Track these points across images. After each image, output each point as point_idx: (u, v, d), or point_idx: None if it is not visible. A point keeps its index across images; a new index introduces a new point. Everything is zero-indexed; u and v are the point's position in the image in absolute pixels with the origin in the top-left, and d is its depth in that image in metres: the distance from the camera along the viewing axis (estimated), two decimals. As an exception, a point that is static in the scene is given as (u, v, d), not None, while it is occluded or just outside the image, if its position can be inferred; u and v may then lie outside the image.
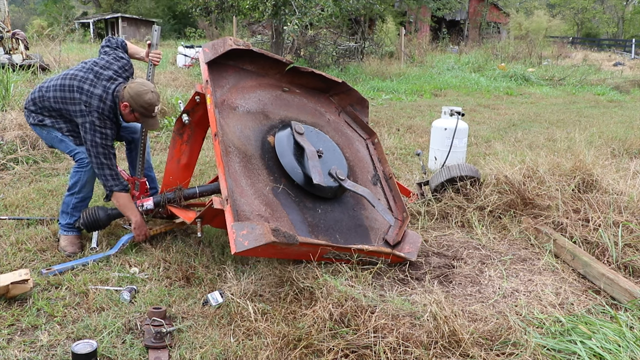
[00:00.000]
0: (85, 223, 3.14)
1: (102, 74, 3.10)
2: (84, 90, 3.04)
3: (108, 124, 3.07)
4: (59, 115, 3.15)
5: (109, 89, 3.07)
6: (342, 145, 3.39)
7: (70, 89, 3.07)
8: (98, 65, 3.15)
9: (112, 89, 3.07)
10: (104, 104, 3.04)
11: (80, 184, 3.17)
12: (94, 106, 3.02)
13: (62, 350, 2.21)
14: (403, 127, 7.57)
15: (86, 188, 3.22)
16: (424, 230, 3.53)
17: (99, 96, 3.03)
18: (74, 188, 3.19)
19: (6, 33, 10.30)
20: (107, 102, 3.05)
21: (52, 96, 3.11)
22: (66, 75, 3.13)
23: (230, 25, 20.56)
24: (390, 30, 21.33)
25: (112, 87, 3.08)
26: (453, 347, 2.11)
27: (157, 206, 3.23)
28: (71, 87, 3.07)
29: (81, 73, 3.10)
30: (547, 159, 4.08)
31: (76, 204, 3.22)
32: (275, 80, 3.38)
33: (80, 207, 3.24)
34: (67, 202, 3.22)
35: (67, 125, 3.17)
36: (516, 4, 36.65)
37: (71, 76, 3.10)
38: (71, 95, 3.06)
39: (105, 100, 3.04)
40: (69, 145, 3.19)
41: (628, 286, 2.58)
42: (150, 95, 3.03)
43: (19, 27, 21.12)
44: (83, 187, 3.19)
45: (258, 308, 2.41)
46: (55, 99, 3.11)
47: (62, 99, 3.09)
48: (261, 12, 12.03)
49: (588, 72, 17.51)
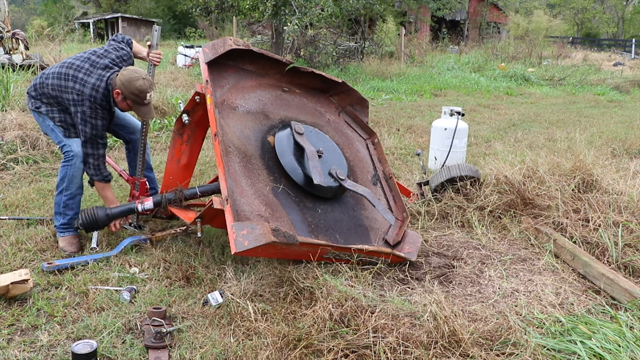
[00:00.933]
0: (84, 223, 3.09)
1: (98, 63, 3.11)
2: (78, 78, 3.05)
3: (99, 113, 3.06)
4: (55, 102, 3.15)
5: (104, 76, 3.07)
6: (342, 145, 3.39)
7: (66, 77, 3.08)
8: (95, 55, 3.17)
9: (106, 77, 3.07)
10: (97, 92, 3.03)
11: (67, 180, 3.17)
12: (86, 95, 3.02)
13: (62, 350, 2.21)
14: (403, 127, 7.57)
15: (73, 184, 3.19)
16: (424, 230, 3.53)
17: (92, 84, 3.03)
18: (62, 185, 3.18)
19: (6, 33, 10.29)
20: (100, 90, 3.04)
21: (50, 83, 3.13)
22: (64, 63, 3.15)
23: (230, 25, 20.57)
24: (390, 30, 21.31)
25: (107, 75, 3.07)
26: (453, 347, 2.11)
27: (157, 206, 3.21)
28: (67, 75, 3.08)
29: (78, 62, 3.12)
30: (547, 159, 4.08)
31: (66, 202, 3.20)
32: (275, 80, 3.38)
33: (72, 205, 3.22)
34: (57, 202, 3.22)
35: (60, 115, 3.17)
36: (516, 4, 36.66)
37: (68, 64, 3.11)
38: (66, 83, 3.07)
39: (98, 88, 3.04)
40: (58, 136, 3.19)
41: (628, 286, 2.58)
42: (142, 82, 3.01)
43: (19, 27, 21.11)
44: (70, 183, 3.18)
45: (258, 308, 2.41)
46: (52, 87, 3.12)
47: (59, 87, 3.10)
48: (261, 12, 12.03)
49: (588, 72, 17.51)
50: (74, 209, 3.23)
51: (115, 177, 4.25)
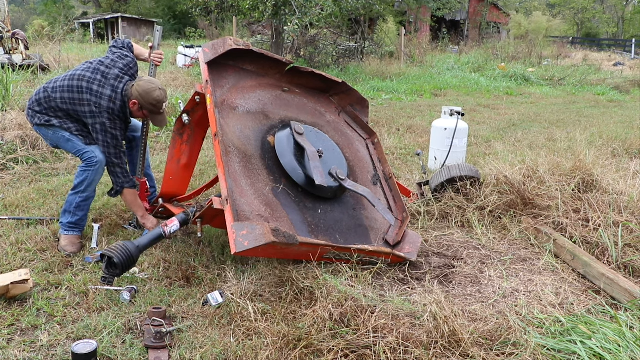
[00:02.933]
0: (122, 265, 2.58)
1: (109, 74, 3.13)
2: (93, 91, 3.06)
3: (118, 124, 3.12)
4: (66, 115, 3.16)
5: (118, 88, 3.10)
6: (342, 145, 3.39)
7: (79, 90, 3.08)
8: (104, 65, 3.17)
9: (120, 89, 3.11)
10: (114, 104, 3.08)
11: (86, 183, 3.18)
12: (104, 107, 3.05)
13: (62, 350, 2.21)
14: (403, 127, 7.57)
15: (91, 187, 3.23)
16: (424, 230, 3.53)
17: (109, 97, 3.06)
18: (80, 187, 3.19)
19: (6, 33, 10.29)
20: (117, 102, 3.09)
21: (59, 97, 3.12)
22: (73, 76, 3.13)
23: (230, 25, 20.56)
24: (390, 30, 21.31)
25: (121, 87, 3.11)
26: (453, 347, 2.11)
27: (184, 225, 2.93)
28: (80, 88, 3.08)
29: (88, 74, 3.11)
30: (547, 159, 4.08)
31: (79, 203, 3.22)
32: (275, 80, 3.38)
33: (83, 207, 3.25)
34: (70, 201, 3.23)
35: (75, 125, 3.18)
36: (516, 4, 36.65)
37: (79, 77, 3.10)
38: (80, 96, 3.08)
39: (115, 100, 3.08)
40: (77, 144, 3.18)
41: (628, 286, 2.58)
42: (159, 93, 3.11)
43: (19, 27, 21.10)
44: (88, 187, 3.20)
45: (258, 308, 2.41)
46: (62, 100, 3.11)
47: (71, 100, 3.10)
48: (261, 12, 12.03)
49: (588, 72, 17.51)
50: (84, 210, 3.27)
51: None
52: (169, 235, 2.85)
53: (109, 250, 2.56)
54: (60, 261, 3.03)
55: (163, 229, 2.82)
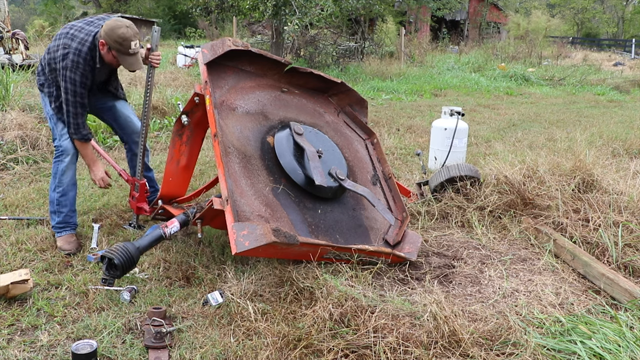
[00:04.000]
0: (122, 267, 2.57)
1: (93, 22, 3.13)
2: (68, 34, 3.04)
3: (80, 68, 3.00)
4: (49, 71, 3.14)
5: (92, 32, 3.06)
6: (342, 145, 3.39)
7: (59, 37, 3.07)
8: (91, 20, 3.18)
9: (94, 32, 3.06)
10: (83, 45, 3.01)
11: (58, 176, 3.18)
12: (72, 48, 2.99)
13: (62, 350, 2.21)
14: (403, 127, 7.57)
15: (64, 180, 3.20)
16: (424, 230, 3.53)
17: (80, 39, 3.02)
18: (54, 181, 3.21)
19: (6, 33, 10.29)
20: (87, 45, 3.02)
21: (46, 52, 3.13)
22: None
23: (230, 25, 20.58)
24: (390, 30, 21.31)
25: (95, 31, 3.07)
26: (453, 347, 2.11)
27: (184, 226, 2.96)
28: (60, 35, 3.08)
29: (76, 24, 3.13)
30: (547, 159, 4.08)
31: (59, 199, 3.21)
32: (274, 80, 3.38)
33: (65, 202, 3.22)
34: (51, 200, 3.24)
35: (56, 91, 3.15)
36: (516, 4, 36.65)
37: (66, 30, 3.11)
38: (56, 42, 3.06)
39: (85, 42, 3.02)
40: (54, 129, 3.19)
41: (628, 286, 2.58)
42: (124, 30, 2.97)
43: (19, 27, 21.12)
44: (61, 180, 3.19)
45: (258, 308, 2.41)
46: (48, 52, 3.12)
47: (53, 49, 3.08)
48: (261, 12, 12.03)
49: (588, 72, 17.51)
50: (67, 205, 3.23)
51: (115, 177, 4.25)
52: (169, 237, 2.84)
53: (109, 252, 2.55)
54: (60, 261, 3.03)
55: (163, 230, 2.82)
